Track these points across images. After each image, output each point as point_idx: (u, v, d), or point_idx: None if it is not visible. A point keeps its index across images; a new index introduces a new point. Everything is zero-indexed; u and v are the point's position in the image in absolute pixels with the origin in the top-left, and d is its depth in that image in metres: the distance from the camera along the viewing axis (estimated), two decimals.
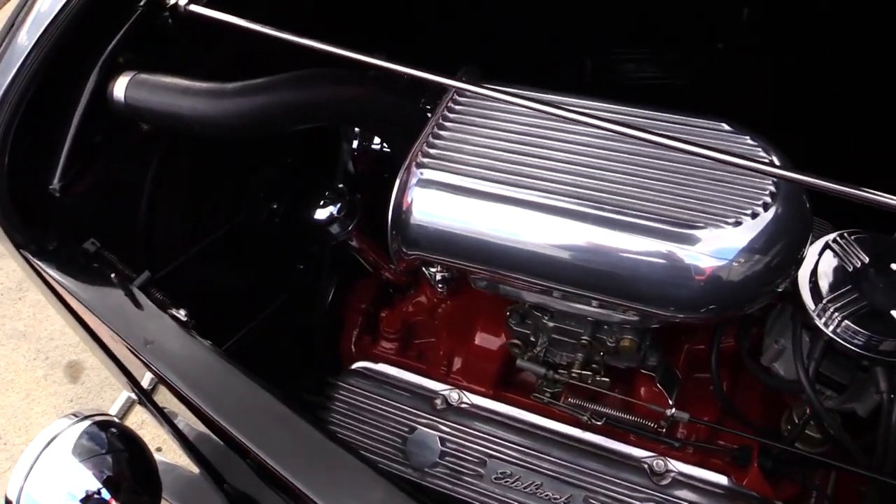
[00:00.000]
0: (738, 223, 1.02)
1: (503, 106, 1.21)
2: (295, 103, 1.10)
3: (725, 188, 1.06)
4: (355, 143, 1.48)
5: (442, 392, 1.40)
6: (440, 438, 1.30)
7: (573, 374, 1.26)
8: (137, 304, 1.05)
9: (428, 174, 1.13)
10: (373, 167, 1.51)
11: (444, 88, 1.26)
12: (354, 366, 1.46)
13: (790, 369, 1.26)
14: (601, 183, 1.09)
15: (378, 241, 1.51)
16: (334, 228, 1.38)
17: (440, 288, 1.53)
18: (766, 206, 1.03)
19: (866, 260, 1.16)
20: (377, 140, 1.48)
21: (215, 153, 1.33)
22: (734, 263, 1.02)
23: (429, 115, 1.22)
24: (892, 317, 1.11)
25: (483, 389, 1.41)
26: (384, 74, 1.43)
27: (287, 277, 1.63)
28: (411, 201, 1.13)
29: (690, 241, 1.02)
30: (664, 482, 1.24)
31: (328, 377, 1.43)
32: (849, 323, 1.11)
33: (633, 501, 1.21)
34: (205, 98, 1.09)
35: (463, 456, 1.28)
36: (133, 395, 1.49)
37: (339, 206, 1.37)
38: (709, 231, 1.02)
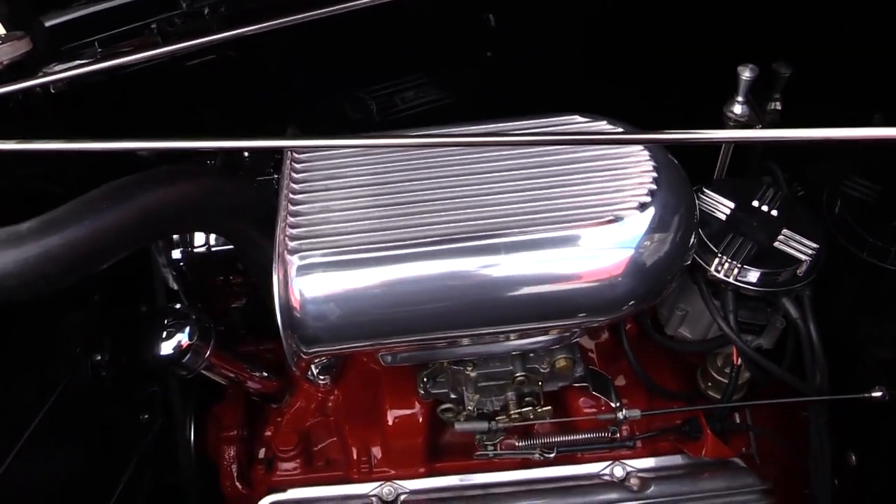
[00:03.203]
0: (643, 205, 0.99)
1: (346, 158, 1.08)
2: (126, 223, 0.86)
3: (613, 176, 1.02)
4: (177, 253, 1.23)
5: (373, 493, 1.22)
6: None
7: (513, 416, 1.16)
8: None
9: (304, 258, 0.95)
10: (202, 273, 1.28)
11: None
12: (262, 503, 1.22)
13: (696, 330, 1.29)
14: (494, 208, 1.00)
15: (231, 352, 1.29)
16: (190, 359, 1.13)
17: (322, 380, 1.35)
18: (656, 182, 1.01)
19: (732, 205, 1.22)
20: (199, 242, 1.26)
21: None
22: (651, 243, 0.99)
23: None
24: (776, 249, 1.17)
25: (416, 470, 1.26)
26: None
27: (133, 436, 1.32)
28: (298, 295, 0.94)
29: (607, 235, 0.97)
30: (637, 486, 1.19)
31: None
32: (746, 267, 1.14)
33: None
34: None
35: None
36: None
37: (187, 331, 1.13)
38: (620, 223, 0.98)
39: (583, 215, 0.98)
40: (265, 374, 1.33)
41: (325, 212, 1.01)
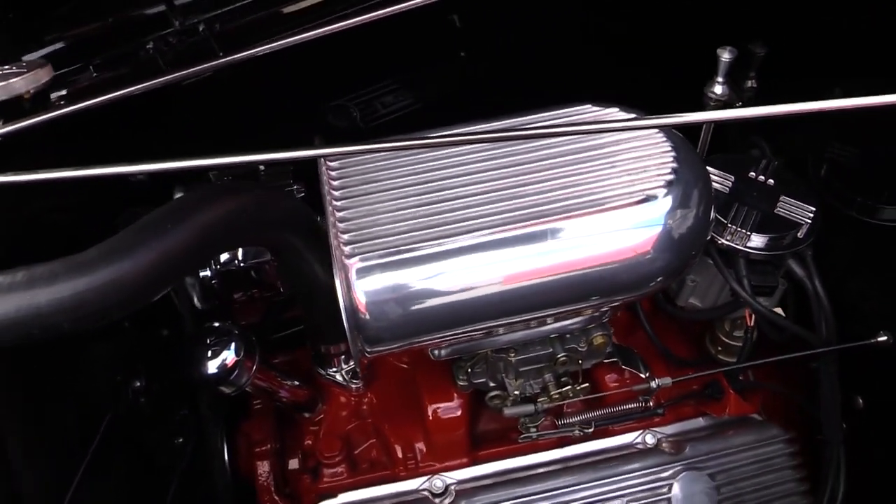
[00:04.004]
0: (669, 184, 1.06)
1: (377, 162, 1.11)
2: (189, 244, 0.86)
3: (635, 158, 1.09)
4: (205, 271, 1.23)
5: (423, 487, 1.25)
6: None
7: (554, 396, 1.21)
8: None
9: (362, 261, 0.98)
10: (229, 291, 1.28)
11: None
12: None
13: (707, 299, 1.37)
14: (531, 197, 1.05)
15: (267, 364, 1.29)
16: (237, 376, 1.13)
17: (354, 384, 1.36)
18: (677, 160, 1.08)
19: (732, 178, 1.30)
20: (223, 257, 1.25)
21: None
22: (679, 218, 1.06)
23: None
24: (777, 215, 1.26)
25: (460, 461, 1.29)
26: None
27: (171, 460, 1.31)
28: (362, 297, 0.97)
29: (641, 214, 1.03)
30: (671, 450, 1.26)
31: None
32: (753, 234, 1.23)
33: (666, 481, 1.20)
34: (66, 280, 0.80)
35: None
36: None
37: (232, 348, 1.13)
38: (653, 202, 1.04)
39: (617, 197, 1.04)
40: (296, 383, 1.34)
41: (371, 214, 1.03)
